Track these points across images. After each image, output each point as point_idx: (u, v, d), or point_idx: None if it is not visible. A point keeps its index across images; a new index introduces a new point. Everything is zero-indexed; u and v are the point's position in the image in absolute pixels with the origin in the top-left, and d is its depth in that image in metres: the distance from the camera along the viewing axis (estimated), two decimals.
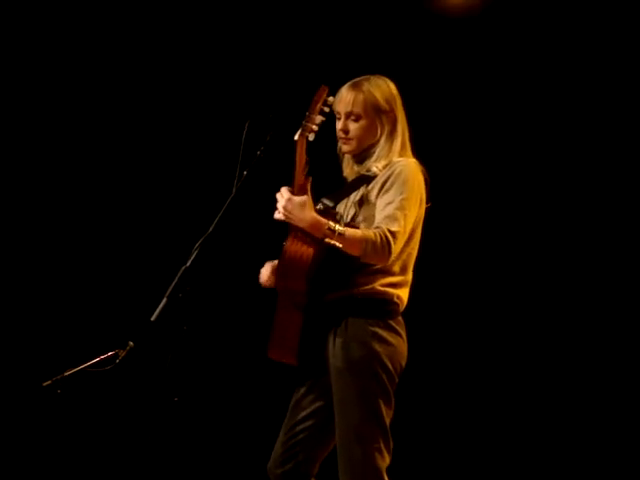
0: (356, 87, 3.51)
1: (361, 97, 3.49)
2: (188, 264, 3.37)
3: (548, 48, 5.24)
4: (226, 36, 5.48)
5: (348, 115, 3.51)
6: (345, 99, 3.50)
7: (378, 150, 3.52)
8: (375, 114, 3.50)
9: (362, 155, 3.56)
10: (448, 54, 5.34)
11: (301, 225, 3.35)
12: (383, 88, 3.52)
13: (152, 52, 5.49)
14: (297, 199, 3.35)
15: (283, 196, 3.37)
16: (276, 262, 3.53)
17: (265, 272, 3.62)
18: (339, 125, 3.53)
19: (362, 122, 3.50)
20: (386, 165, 3.48)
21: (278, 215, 3.40)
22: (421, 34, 5.35)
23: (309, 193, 3.38)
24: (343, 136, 3.53)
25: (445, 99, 5.33)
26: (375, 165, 3.49)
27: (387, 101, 3.51)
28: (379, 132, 3.52)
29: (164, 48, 5.49)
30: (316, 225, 3.33)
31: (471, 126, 5.34)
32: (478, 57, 5.32)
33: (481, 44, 5.31)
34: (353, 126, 3.51)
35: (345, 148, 3.56)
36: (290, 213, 3.35)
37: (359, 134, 3.51)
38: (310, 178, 3.40)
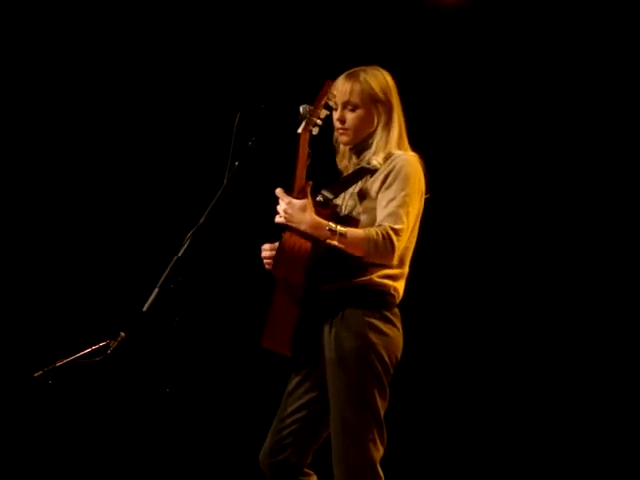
0: (353, 77, 3.51)
1: (358, 87, 3.48)
2: (180, 254, 3.35)
3: (543, 40, 5.23)
4: (218, 27, 5.46)
5: (345, 105, 3.51)
6: (342, 89, 3.50)
7: (376, 141, 3.52)
8: (372, 104, 3.50)
9: (360, 146, 3.56)
10: (444, 46, 5.32)
11: (302, 228, 3.35)
12: (379, 78, 3.52)
13: (144, 43, 5.47)
14: (298, 202, 3.36)
15: (283, 200, 3.37)
16: (275, 244, 3.50)
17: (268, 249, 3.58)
18: (336, 115, 3.52)
19: (359, 112, 3.50)
20: (386, 158, 3.49)
21: (279, 219, 3.40)
22: (416, 26, 5.34)
23: (309, 196, 3.38)
24: (340, 126, 3.53)
25: (441, 91, 5.32)
26: (374, 158, 3.49)
27: (383, 91, 3.52)
28: (376, 122, 3.52)
29: (156, 39, 5.47)
30: (317, 227, 3.34)
31: (468, 119, 5.33)
32: (474, 49, 5.31)
33: (476, 36, 5.30)
34: (350, 116, 3.51)
35: (342, 139, 3.55)
36: (291, 216, 3.35)
37: (356, 124, 3.51)
38: (310, 183, 3.40)
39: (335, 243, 3.31)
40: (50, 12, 5.40)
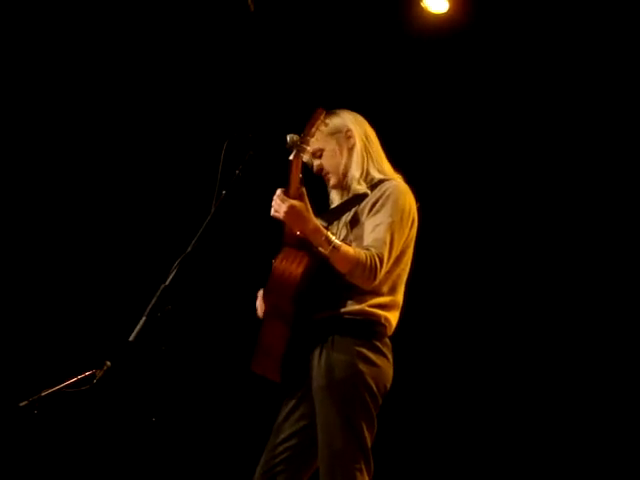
0: None
1: (316, 135, 3.51)
2: (167, 283, 3.35)
3: (527, 55, 5.28)
4: (206, 57, 5.48)
5: (315, 156, 3.60)
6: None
7: (351, 167, 3.58)
8: (330, 139, 3.60)
9: (344, 183, 3.61)
10: (431, 71, 5.37)
11: (302, 226, 3.35)
12: (331, 116, 3.58)
13: (132, 69, 5.48)
14: (301, 205, 3.37)
15: (284, 202, 3.35)
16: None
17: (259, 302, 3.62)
18: (315, 169, 3.62)
19: (325, 153, 3.62)
20: (372, 183, 3.53)
21: (279, 214, 3.37)
22: (402, 51, 5.37)
23: (307, 201, 3.40)
24: (322, 174, 3.64)
25: (434, 111, 5.36)
26: (360, 184, 3.53)
27: (335, 124, 3.60)
28: (340, 151, 3.60)
29: (144, 67, 5.49)
30: (316, 232, 3.36)
31: (460, 143, 5.37)
32: (463, 68, 5.36)
33: (463, 57, 5.35)
34: (322, 161, 3.61)
35: (331, 182, 3.64)
36: (298, 214, 3.35)
37: (329, 163, 3.62)
38: (304, 189, 3.41)
39: (326, 253, 3.34)
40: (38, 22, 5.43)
